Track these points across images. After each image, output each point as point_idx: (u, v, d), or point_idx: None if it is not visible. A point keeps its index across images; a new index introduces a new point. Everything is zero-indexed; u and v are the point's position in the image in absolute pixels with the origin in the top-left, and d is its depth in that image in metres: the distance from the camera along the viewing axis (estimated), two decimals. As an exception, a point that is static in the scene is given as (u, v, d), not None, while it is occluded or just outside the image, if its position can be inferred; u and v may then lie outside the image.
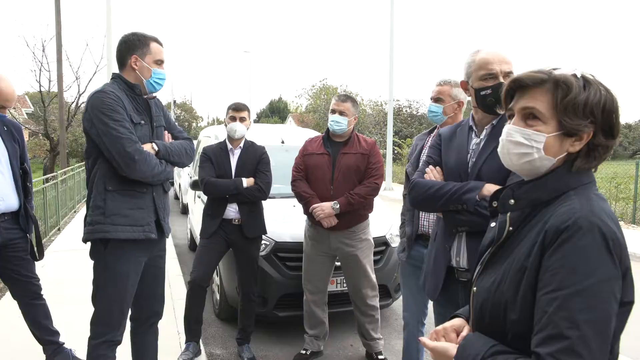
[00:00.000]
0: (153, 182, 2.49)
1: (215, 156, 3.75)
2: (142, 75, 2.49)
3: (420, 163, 2.35)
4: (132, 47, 2.47)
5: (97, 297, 2.47)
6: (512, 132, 1.22)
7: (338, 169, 3.53)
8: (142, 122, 2.50)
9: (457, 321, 1.36)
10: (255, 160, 3.77)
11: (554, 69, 1.20)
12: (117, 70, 2.56)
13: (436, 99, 2.95)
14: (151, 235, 2.49)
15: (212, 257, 3.69)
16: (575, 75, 1.17)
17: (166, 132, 2.71)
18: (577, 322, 0.99)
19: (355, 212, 3.55)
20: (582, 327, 0.99)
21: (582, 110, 1.14)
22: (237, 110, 3.73)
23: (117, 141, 2.30)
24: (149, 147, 2.47)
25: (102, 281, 2.45)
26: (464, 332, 1.30)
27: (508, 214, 1.25)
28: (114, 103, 2.34)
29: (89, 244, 2.48)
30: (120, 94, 2.41)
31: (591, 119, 1.15)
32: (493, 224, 1.34)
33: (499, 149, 1.28)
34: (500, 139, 1.26)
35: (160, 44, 2.56)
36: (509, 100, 1.27)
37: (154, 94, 2.61)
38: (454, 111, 2.93)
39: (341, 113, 3.53)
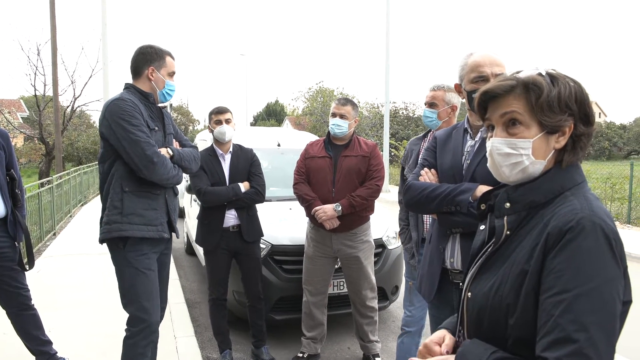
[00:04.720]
0: (167, 185, 2.65)
1: (207, 163, 3.68)
2: (156, 85, 2.66)
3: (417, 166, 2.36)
4: (149, 59, 2.63)
5: (128, 297, 2.58)
6: (498, 144, 1.20)
7: (339, 172, 3.56)
8: (157, 128, 2.65)
9: (437, 333, 1.33)
10: (247, 163, 3.76)
11: (517, 72, 1.20)
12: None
13: (430, 104, 3.02)
14: (164, 235, 2.66)
15: (223, 272, 3.70)
16: (540, 74, 1.17)
17: (174, 140, 2.86)
18: (584, 325, 0.97)
19: (357, 214, 3.57)
20: (590, 329, 0.96)
21: (557, 105, 1.14)
22: (220, 113, 3.68)
23: (137, 144, 2.45)
24: (164, 152, 2.62)
25: (128, 278, 2.56)
26: (447, 341, 1.28)
27: (505, 218, 1.22)
28: (131, 109, 2.49)
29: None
30: (136, 101, 2.56)
31: (568, 112, 1.15)
32: (482, 227, 1.32)
33: (488, 165, 1.26)
34: (487, 154, 1.24)
35: (173, 58, 2.75)
36: (483, 112, 1.26)
37: (165, 104, 2.77)
38: (448, 115, 3.01)
39: (342, 116, 3.56)
